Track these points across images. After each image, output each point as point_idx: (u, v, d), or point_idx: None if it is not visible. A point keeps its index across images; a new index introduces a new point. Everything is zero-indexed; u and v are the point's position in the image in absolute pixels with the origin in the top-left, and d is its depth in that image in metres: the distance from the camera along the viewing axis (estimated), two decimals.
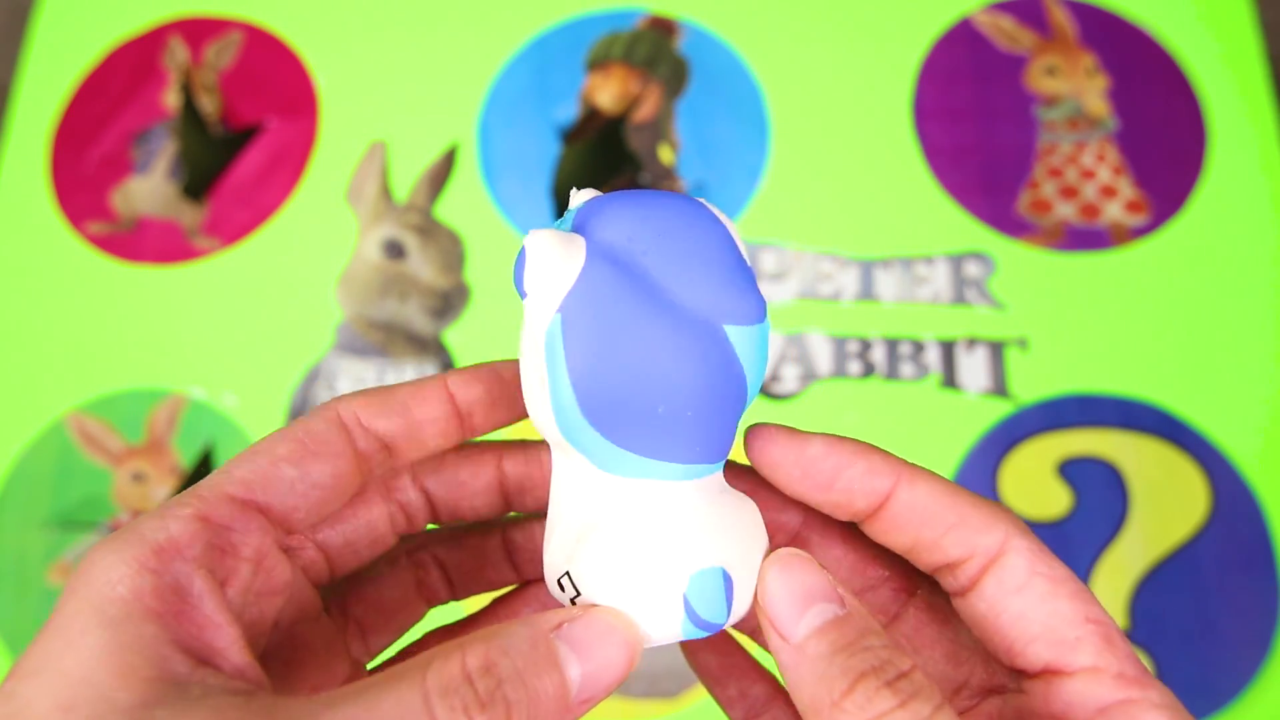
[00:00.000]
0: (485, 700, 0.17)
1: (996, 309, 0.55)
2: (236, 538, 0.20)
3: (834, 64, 0.60)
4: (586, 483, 0.20)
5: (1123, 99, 0.59)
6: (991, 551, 0.20)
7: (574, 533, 0.20)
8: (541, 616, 0.19)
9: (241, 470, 0.20)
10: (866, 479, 0.21)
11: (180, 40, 0.63)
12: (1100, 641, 0.20)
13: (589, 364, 0.19)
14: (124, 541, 0.18)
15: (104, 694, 0.16)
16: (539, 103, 0.60)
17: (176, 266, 0.58)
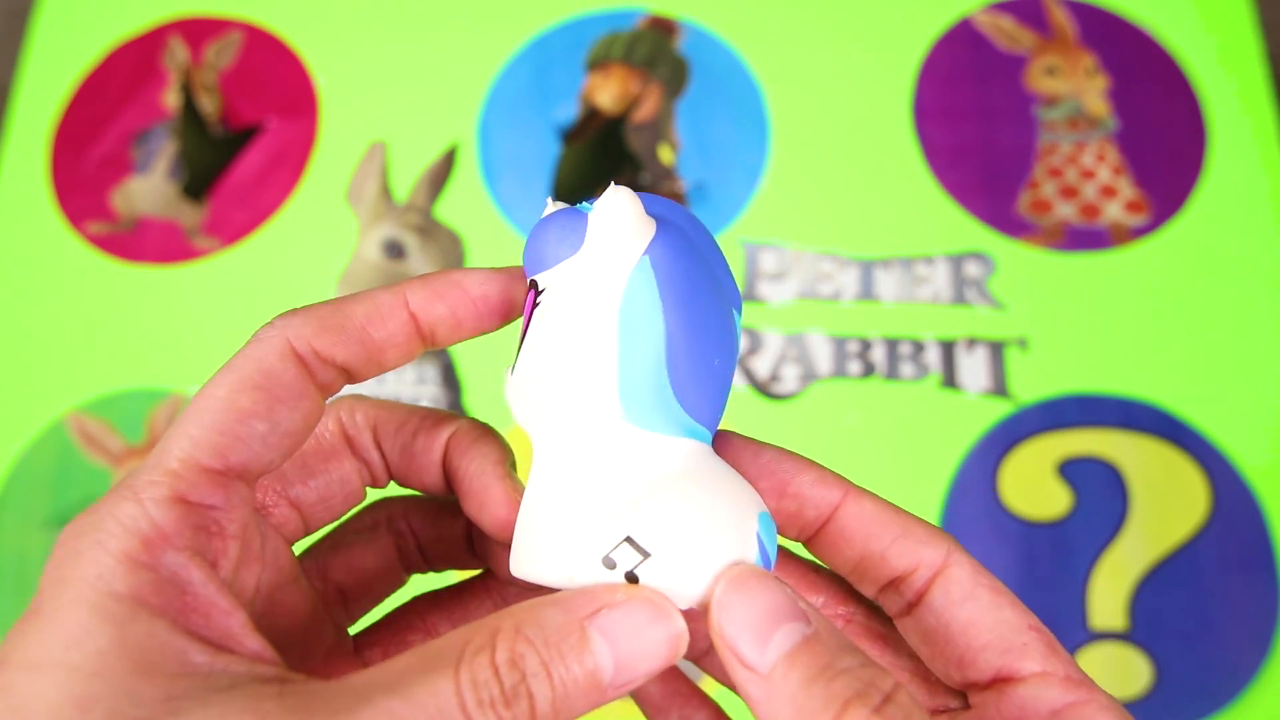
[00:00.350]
0: (510, 696, 0.17)
1: (996, 309, 0.55)
2: (221, 515, 0.19)
3: (834, 64, 0.60)
4: (624, 450, 0.20)
5: (1123, 99, 0.59)
6: (936, 564, 0.21)
7: (618, 502, 0.19)
8: (578, 599, 0.18)
9: (207, 433, 0.19)
10: (816, 488, 0.21)
11: (180, 40, 0.63)
12: (1045, 647, 0.20)
13: (681, 320, 0.20)
14: (105, 532, 0.17)
15: (124, 688, 0.16)
16: (539, 103, 0.60)
17: (176, 266, 0.58)
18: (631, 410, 0.20)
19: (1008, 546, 0.50)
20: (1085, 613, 0.49)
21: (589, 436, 0.20)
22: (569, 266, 0.20)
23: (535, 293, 0.21)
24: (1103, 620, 0.49)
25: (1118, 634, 0.49)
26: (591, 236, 0.20)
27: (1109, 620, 0.49)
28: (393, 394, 0.54)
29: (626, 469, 0.20)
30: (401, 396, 0.54)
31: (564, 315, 0.20)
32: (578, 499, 0.20)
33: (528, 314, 0.21)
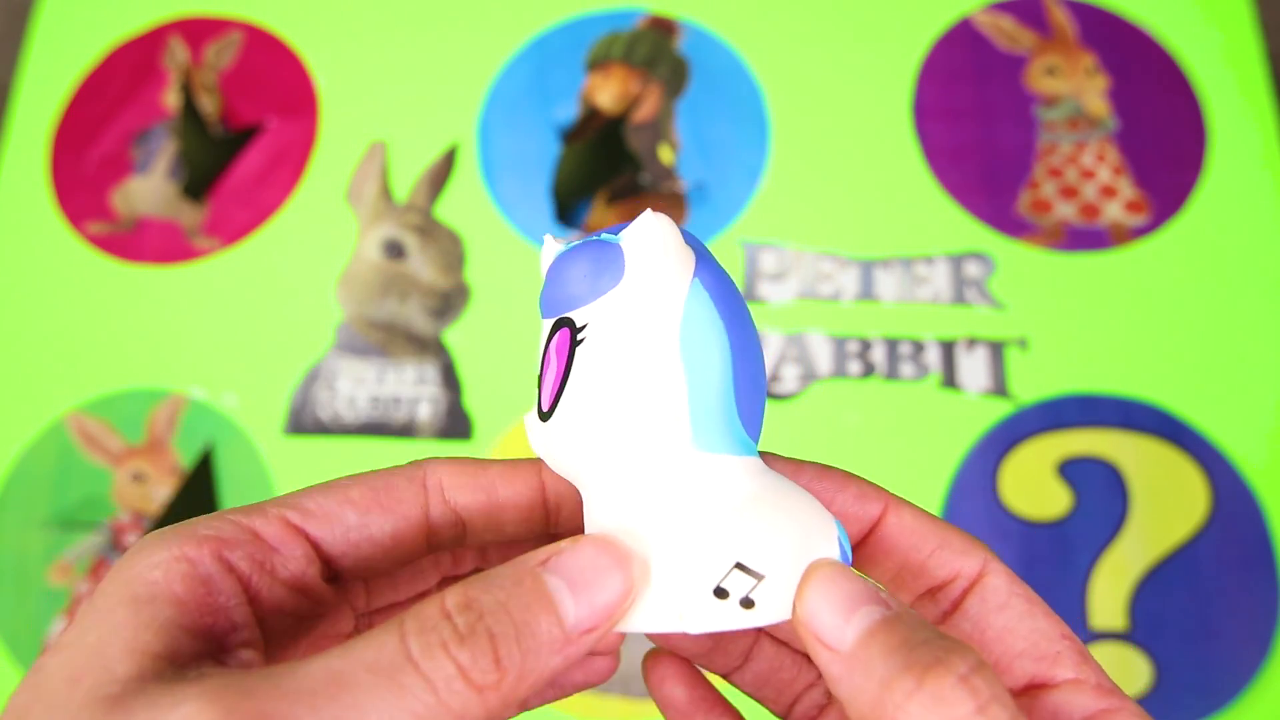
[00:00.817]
0: (465, 633, 0.17)
1: (996, 309, 0.55)
2: (279, 560, 0.20)
3: (834, 64, 0.60)
4: (698, 476, 0.19)
5: (1123, 99, 0.59)
6: (974, 573, 0.21)
7: (707, 531, 0.19)
8: (526, 555, 0.18)
9: (306, 500, 0.21)
10: (859, 503, 0.22)
11: (180, 40, 0.63)
12: (1077, 655, 0.20)
13: (737, 339, 0.20)
14: (175, 533, 0.19)
15: (108, 665, 0.17)
16: (539, 103, 0.60)
17: (176, 266, 0.58)
18: (701, 435, 0.19)
19: (1008, 546, 0.50)
20: (1085, 613, 0.49)
21: (659, 469, 0.19)
22: (613, 299, 0.20)
23: (571, 331, 0.20)
24: (1103, 620, 0.49)
25: (1118, 634, 0.49)
26: (634, 266, 0.20)
27: (1109, 620, 0.49)
28: (392, 393, 0.54)
29: (704, 495, 0.19)
30: (402, 396, 0.54)
31: (619, 349, 0.19)
32: (665, 536, 0.19)
33: (562, 355, 0.20)
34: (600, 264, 0.20)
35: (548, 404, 0.20)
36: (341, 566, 0.21)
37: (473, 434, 0.53)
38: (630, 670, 0.49)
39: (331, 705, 0.16)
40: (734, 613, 0.19)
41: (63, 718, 0.16)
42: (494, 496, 0.22)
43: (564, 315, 0.20)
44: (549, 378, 0.20)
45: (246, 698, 0.15)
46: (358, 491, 0.21)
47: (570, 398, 0.20)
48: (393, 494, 0.21)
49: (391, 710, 0.16)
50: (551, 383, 0.20)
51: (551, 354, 0.20)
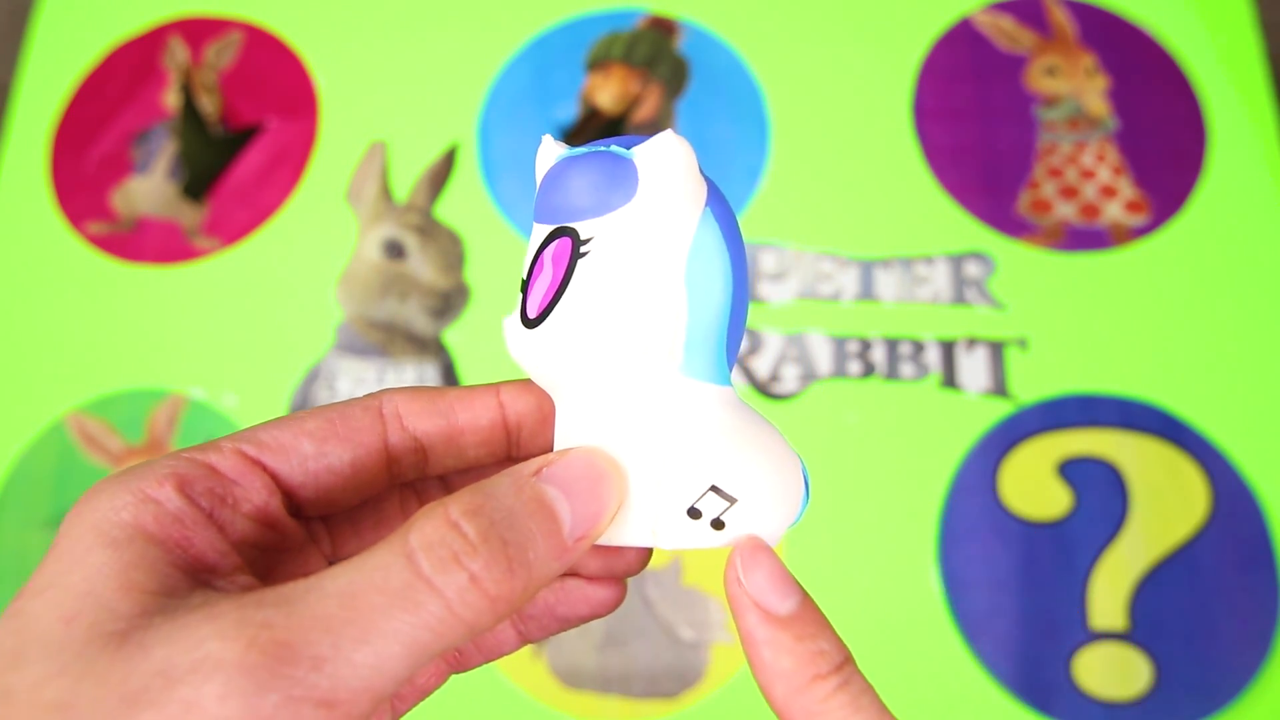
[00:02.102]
0: (478, 542, 0.17)
1: (996, 309, 0.55)
2: (239, 491, 0.20)
3: (834, 64, 0.60)
4: (679, 400, 0.20)
5: (1123, 99, 0.59)
6: None
7: (684, 452, 0.20)
8: (518, 465, 0.19)
9: (261, 433, 0.20)
10: None
11: (180, 40, 0.63)
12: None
13: (738, 273, 0.20)
14: (131, 474, 0.19)
15: (105, 604, 0.17)
16: (539, 103, 0.60)
17: (176, 266, 0.58)
18: (690, 362, 0.20)
19: (1008, 546, 0.50)
20: (1085, 613, 0.49)
21: (643, 389, 0.20)
22: (624, 216, 0.19)
23: (573, 242, 0.20)
24: (1103, 620, 0.49)
25: (1118, 634, 0.49)
26: (648, 185, 0.19)
27: (1109, 620, 0.49)
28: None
29: (683, 419, 0.20)
30: None
31: (625, 266, 0.19)
32: (643, 454, 0.20)
33: (560, 264, 0.20)
34: (613, 178, 0.19)
35: (536, 311, 0.20)
36: (302, 498, 0.21)
37: None
38: (630, 670, 0.49)
39: (349, 629, 0.16)
40: (704, 532, 0.20)
41: (68, 657, 0.16)
42: (453, 421, 0.22)
43: (566, 225, 0.20)
44: (540, 285, 0.20)
45: (264, 628, 0.16)
46: (313, 423, 0.21)
47: (566, 308, 0.19)
48: (349, 423, 0.21)
49: (408, 629, 0.16)
50: (545, 291, 0.20)
51: (546, 261, 0.20)
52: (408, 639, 0.16)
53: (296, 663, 0.15)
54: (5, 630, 0.17)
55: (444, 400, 0.22)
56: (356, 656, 0.16)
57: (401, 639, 0.16)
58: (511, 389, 0.22)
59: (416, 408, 0.22)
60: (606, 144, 0.20)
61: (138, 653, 0.16)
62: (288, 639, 0.16)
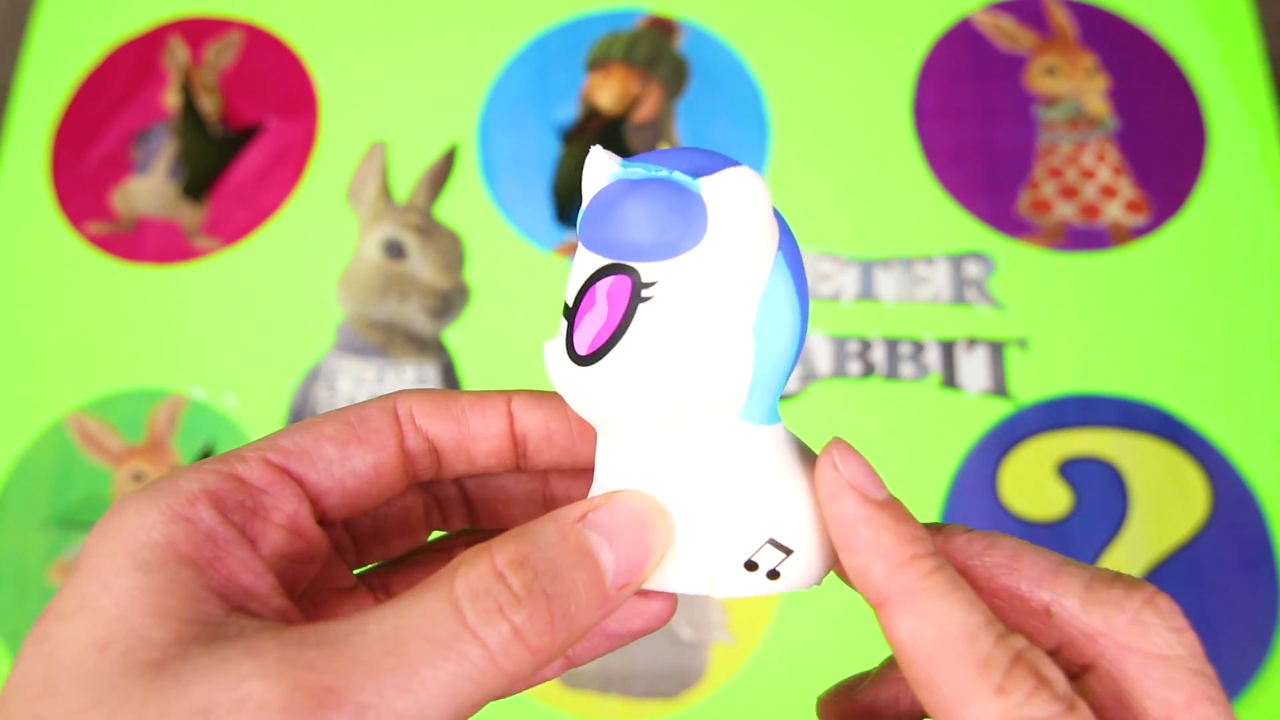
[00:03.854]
0: (523, 595, 0.17)
1: (996, 309, 0.55)
2: (269, 501, 0.20)
3: (834, 64, 0.60)
4: (736, 446, 0.19)
5: (1123, 99, 0.59)
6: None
7: (741, 502, 0.19)
8: (562, 510, 0.19)
9: (283, 440, 0.20)
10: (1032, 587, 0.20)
11: (180, 40, 0.63)
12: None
13: (806, 320, 0.20)
14: (158, 490, 0.18)
15: (139, 631, 0.16)
16: (539, 103, 0.60)
17: (176, 266, 0.58)
18: (749, 408, 0.19)
19: None
20: None
21: (697, 434, 0.19)
22: (692, 262, 0.18)
23: (634, 284, 0.18)
24: None
25: None
26: (719, 227, 0.18)
27: None
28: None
29: (739, 465, 0.19)
30: None
31: (690, 318, 0.18)
32: (699, 503, 0.19)
33: (618, 305, 0.19)
34: (680, 216, 0.18)
35: (588, 349, 0.19)
36: (328, 505, 0.21)
37: None
38: (630, 670, 0.49)
39: (393, 676, 0.16)
40: (760, 583, 0.19)
41: (103, 688, 0.15)
42: (464, 426, 0.22)
43: (624, 263, 0.19)
44: (592, 322, 0.19)
45: (309, 670, 0.15)
46: (332, 427, 0.21)
47: (624, 353, 0.19)
48: (368, 425, 0.21)
49: (450, 678, 0.16)
50: (599, 330, 0.19)
51: (600, 298, 0.19)
52: (450, 689, 0.16)
53: (340, 708, 0.15)
54: (33, 656, 0.16)
55: (457, 405, 0.22)
56: (400, 705, 0.15)
57: (444, 688, 0.16)
58: (523, 400, 0.22)
59: (430, 409, 0.22)
60: (668, 167, 0.19)
61: (174, 686, 0.15)
62: (332, 683, 0.15)
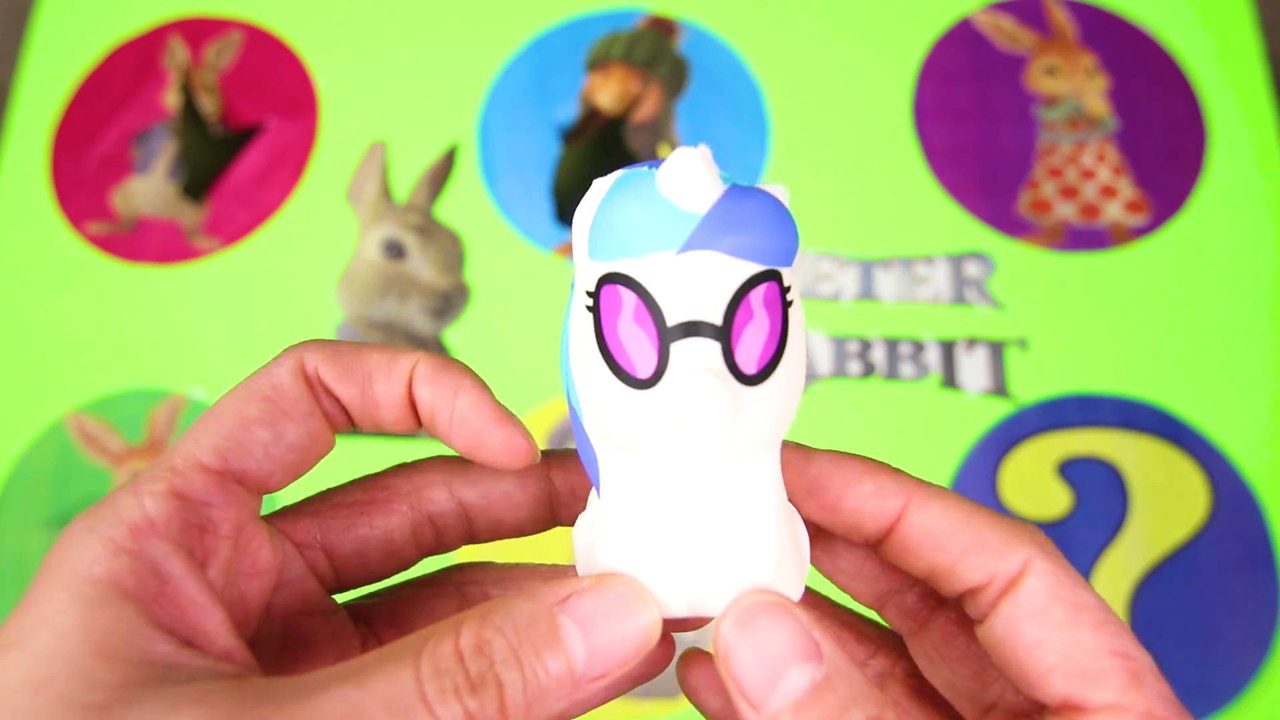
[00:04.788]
0: (476, 682, 0.16)
1: (996, 309, 0.55)
2: (215, 514, 0.19)
3: (834, 64, 0.60)
4: (744, 475, 0.19)
5: (1123, 99, 0.59)
6: (1011, 574, 0.19)
7: (741, 527, 0.18)
8: (547, 588, 0.18)
9: (211, 436, 0.19)
10: (874, 500, 0.20)
11: (180, 40, 0.63)
12: (1126, 677, 0.18)
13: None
14: (98, 519, 0.18)
15: (81, 670, 0.16)
16: (539, 103, 0.60)
17: (176, 266, 0.58)
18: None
19: None
20: None
21: (760, 457, 0.19)
22: (795, 266, 0.18)
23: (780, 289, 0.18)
24: None
25: None
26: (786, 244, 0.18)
27: None
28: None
29: (745, 494, 0.18)
30: None
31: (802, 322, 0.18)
32: (702, 529, 0.18)
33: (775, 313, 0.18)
34: (790, 222, 0.18)
35: (759, 365, 0.17)
36: (271, 486, 0.20)
37: None
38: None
39: None
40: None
41: None
42: (368, 393, 0.21)
43: (772, 268, 0.17)
44: (757, 336, 0.17)
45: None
46: (255, 408, 0.20)
47: (790, 364, 0.18)
48: (286, 396, 0.20)
49: None
50: (764, 342, 0.17)
51: (759, 309, 0.17)
52: None
53: None
54: None
55: (361, 368, 0.21)
56: None
57: None
58: (424, 368, 0.21)
59: (333, 373, 0.20)
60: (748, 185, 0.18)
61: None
62: None
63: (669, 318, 0.17)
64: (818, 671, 0.17)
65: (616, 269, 0.17)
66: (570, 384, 0.19)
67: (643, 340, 0.17)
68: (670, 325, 0.17)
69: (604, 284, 0.18)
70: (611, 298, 0.18)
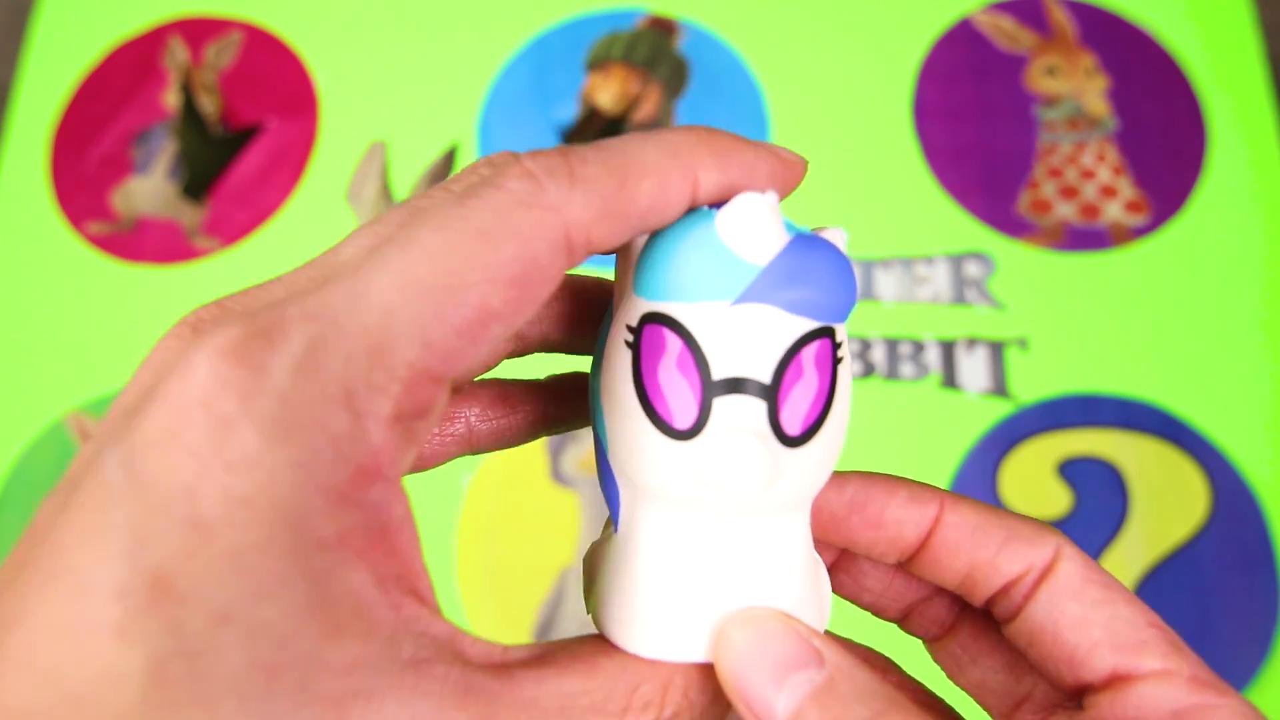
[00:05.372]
0: None
1: (996, 309, 0.55)
2: (423, 428, 0.15)
3: (834, 64, 0.60)
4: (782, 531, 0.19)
5: (1123, 99, 0.59)
6: (1046, 561, 0.19)
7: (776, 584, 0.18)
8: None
9: (446, 334, 0.15)
10: (912, 507, 0.20)
11: (180, 40, 0.63)
12: (1166, 644, 0.18)
13: None
14: (309, 451, 0.14)
15: (315, 656, 0.13)
16: (539, 103, 0.60)
17: (176, 266, 0.58)
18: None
19: None
20: None
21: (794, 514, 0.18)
22: (845, 322, 0.18)
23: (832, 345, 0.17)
24: None
25: None
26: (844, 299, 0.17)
27: None
28: None
29: (772, 551, 0.18)
30: None
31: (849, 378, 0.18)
32: (725, 582, 0.18)
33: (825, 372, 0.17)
34: (851, 276, 0.17)
35: (804, 427, 0.17)
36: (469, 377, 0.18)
37: None
38: None
39: None
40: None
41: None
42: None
43: (826, 325, 0.17)
44: (804, 395, 0.17)
45: None
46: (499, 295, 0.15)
47: (834, 424, 0.17)
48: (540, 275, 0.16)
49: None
50: (811, 402, 0.17)
51: (809, 368, 0.17)
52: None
53: None
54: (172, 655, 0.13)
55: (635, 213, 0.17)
56: None
57: None
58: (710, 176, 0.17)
59: (607, 230, 0.16)
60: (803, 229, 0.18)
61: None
62: None
63: (715, 371, 0.16)
64: (819, 676, 0.17)
65: (664, 310, 0.17)
66: (599, 414, 0.18)
67: (684, 390, 0.17)
68: (716, 379, 0.16)
69: (647, 322, 0.17)
70: (655, 338, 0.17)
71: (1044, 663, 0.19)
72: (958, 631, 0.22)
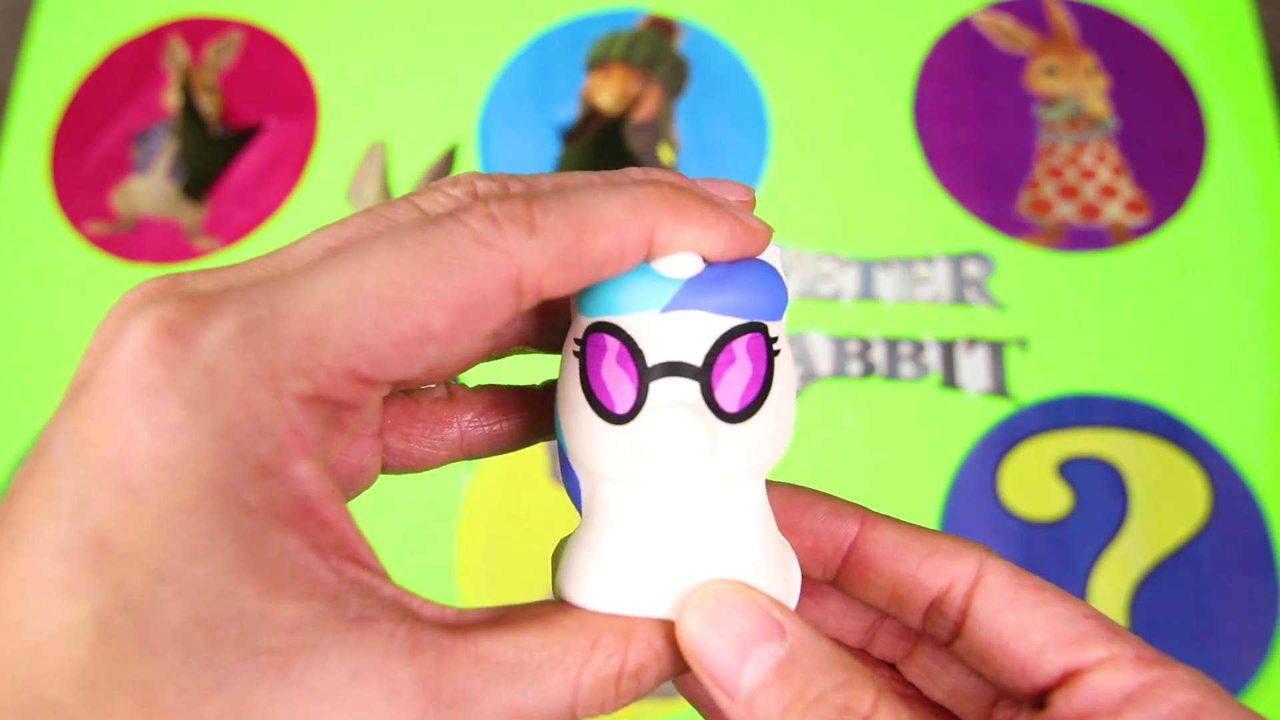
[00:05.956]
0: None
1: (996, 309, 0.55)
2: (349, 419, 0.16)
3: (834, 64, 0.60)
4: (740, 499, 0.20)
5: (1123, 99, 0.59)
6: (971, 575, 0.20)
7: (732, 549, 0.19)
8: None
9: (380, 341, 0.15)
10: (831, 520, 0.21)
11: (180, 40, 0.63)
12: (1106, 632, 0.19)
13: None
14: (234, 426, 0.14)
15: (256, 613, 0.14)
16: (539, 103, 0.60)
17: (176, 266, 0.58)
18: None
19: (1008, 547, 0.50)
20: None
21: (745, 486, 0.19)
22: (782, 320, 0.20)
23: (766, 339, 0.19)
24: None
25: None
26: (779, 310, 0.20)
27: None
28: None
29: (725, 514, 0.19)
30: None
31: (791, 368, 0.20)
32: (682, 546, 0.19)
33: (759, 360, 0.19)
34: (778, 280, 0.20)
35: (741, 405, 0.18)
36: (409, 385, 0.19)
37: None
38: None
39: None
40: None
41: (219, 676, 0.14)
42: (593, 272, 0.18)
43: (755, 320, 0.19)
44: (738, 379, 0.18)
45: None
46: (440, 319, 0.16)
47: (776, 404, 0.19)
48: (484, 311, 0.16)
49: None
50: (746, 385, 0.19)
51: (741, 355, 0.19)
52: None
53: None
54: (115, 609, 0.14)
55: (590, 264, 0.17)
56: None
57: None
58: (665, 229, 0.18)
59: (560, 280, 0.17)
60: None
61: (302, 692, 0.14)
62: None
63: (649, 359, 0.18)
64: (781, 649, 0.17)
65: (604, 320, 0.19)
66: (558, 421, 0.20)
67: (623, 379, 0.18)
68: (651, 365, 0.18)
69: (591, 332, 0.19)
70: (597, 343, 0.19)
71: (999, 677, 0.20)
72: (921, 647, 0.22)
